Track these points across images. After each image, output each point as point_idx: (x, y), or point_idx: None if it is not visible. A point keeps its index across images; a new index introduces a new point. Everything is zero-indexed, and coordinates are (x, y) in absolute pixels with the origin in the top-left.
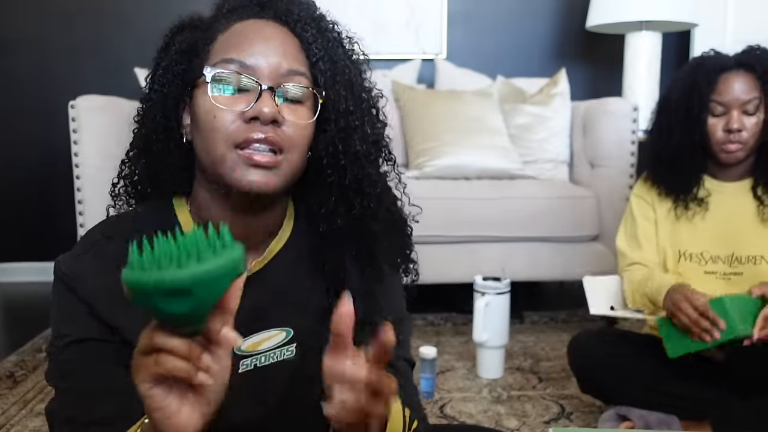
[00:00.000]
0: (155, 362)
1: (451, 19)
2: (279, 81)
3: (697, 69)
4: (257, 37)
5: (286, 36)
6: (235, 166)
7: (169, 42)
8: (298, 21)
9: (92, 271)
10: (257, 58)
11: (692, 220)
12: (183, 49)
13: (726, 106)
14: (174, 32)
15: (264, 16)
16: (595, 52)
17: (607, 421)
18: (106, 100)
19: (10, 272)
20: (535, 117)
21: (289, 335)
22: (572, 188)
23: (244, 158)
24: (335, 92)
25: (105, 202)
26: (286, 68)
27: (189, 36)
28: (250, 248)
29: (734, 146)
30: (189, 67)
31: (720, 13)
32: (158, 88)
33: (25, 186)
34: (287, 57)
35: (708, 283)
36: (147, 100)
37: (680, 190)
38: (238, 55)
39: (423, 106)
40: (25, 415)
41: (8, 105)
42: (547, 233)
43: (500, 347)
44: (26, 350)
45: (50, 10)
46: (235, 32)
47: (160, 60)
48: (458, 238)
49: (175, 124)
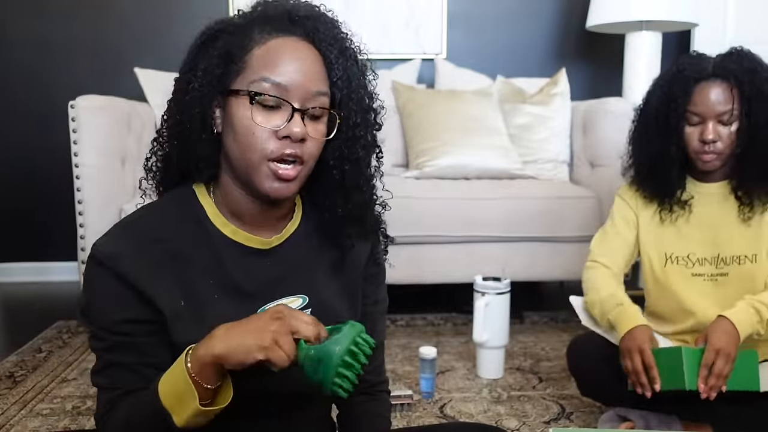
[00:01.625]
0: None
1: (451, 19)
2: (307, 102)
3: (675, 78)
4: (290, 58)
5: (314, 57)
6: (265, 178)
7: (207, 43)
8: (324, 41)
9: (128, 248)
10: (290, 78)
11: (676, 223)
12: (221, 53)
13: (701, 117)
14: (211, 34)
15: (295, 32)
16: (595, 52)
17: (607, 422)
18: (106, 100)
19: (10, 272)
20: (535, 117)
21: (305, 301)
22: (572, 188)
23: (274, 171)
24: (348, 109)
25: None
26: (314, 90)
27: (227, 41)
28: (269, 228)
29: (709, 156)
30: (225, 71)
31: (720, 13)
32: (197, 86)
33: (25, 186)
34: (315, 79)
35: (695, 285)
36: (184, 92)
37: (663, 194)
38: (274, 75)
39: (423, 106)
40: (24, 415)
41: (8, 105)
42: (547, 233)
43: (500, 347)
44: (26, 350)
45: (50, 10)
46: (271, 50)
47: (198, 59)
48: (458, 238)
49: (210, 117)
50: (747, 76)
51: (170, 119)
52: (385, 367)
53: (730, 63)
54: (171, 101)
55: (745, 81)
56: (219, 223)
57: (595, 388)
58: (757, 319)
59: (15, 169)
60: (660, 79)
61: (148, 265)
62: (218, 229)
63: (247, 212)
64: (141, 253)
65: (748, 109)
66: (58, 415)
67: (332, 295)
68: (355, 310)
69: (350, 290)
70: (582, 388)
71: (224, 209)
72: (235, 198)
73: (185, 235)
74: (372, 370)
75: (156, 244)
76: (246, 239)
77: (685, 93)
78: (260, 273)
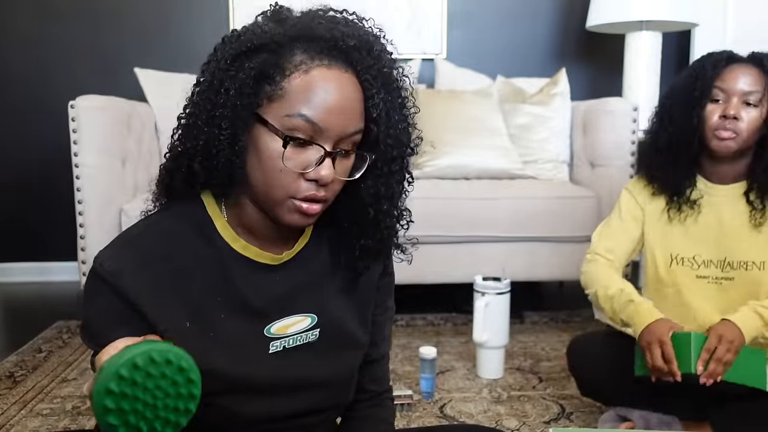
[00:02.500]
0: None
1: (451, 19)
2: (340, 143)
3: (707, 57)
4: (332, 96)
5: (355, 93)
6: (287, 211)
7: (244, 56)
8: (368, 74)
9: (131, 265)
10: (327, 118)
11: (684, 223)
12: (257, 73)
13: (727, 93)
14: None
15: (339, 59)
16: (595, 52)
17: (608, 422)
18: (106, 100)
19: (10, 272)
20: (535, 117)
21: (314, 321)
22: (572, 188)
23: (297, 207)
24: (384, 144)
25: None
26: (351, 131)
27: (265, 59)
28: (280, 244)
29: (727, 133)
30: (258, 91)
31: (720, 13)
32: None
33: (25, 186)
34: (353, 120)
35: (700, 287)
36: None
37: (673, 188)
38: (311, 112)
39: (423, 106)
40: (24, 415)
41: (8, 105)
42: (547, 233)
43: (500, 347)
44: (26, 350)
45: (50, 10)
46: (313, 83)
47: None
48: (458, 238)
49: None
50: None
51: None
52: (389, 375)
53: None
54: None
55: None
56: (228, 238)
57: (595, 388)
58: (762, 323)
59: (15, 169)
60: (688, 68)
61: (151, 284)
62: (227, 243)
63: (260, 229)
64: (145, 271)
65: None
66: (58, 415)
67: (344, 313)
68: (366, 328)
69: (362, 308)
70: (582, 388)
71: (235, 223)
72: (249, 215)
73: (191, 251)
74: (377, 379)
75: (161, 261)
76: (256, 255)
77: (715, 69)
78: (269, 289)
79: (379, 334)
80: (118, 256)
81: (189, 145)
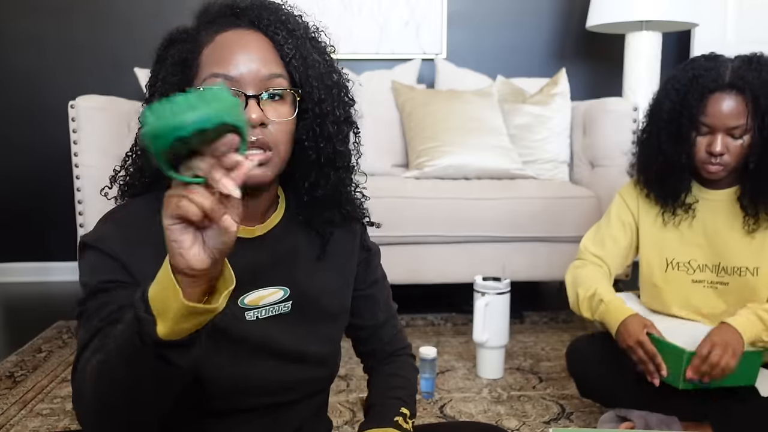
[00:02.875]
0: (176, 205)
1: (450, 19)
2: (261, 86)
3: (690, 85)
4: (237, 49)
5: (261, 42)
6: None
7: (163, 54)
8: (269, 25)
9: (111, 232)
10: (239, 68)
11: (679, 227)
12: (176, 61)
13: (712, 128)
14: (166, 45)
15: (240, 24)
16: (595, 52)
17: (607, 422)
18: (106, 100)
19: (10, 272)
20: (535, 117)
21: (286, 294)
22: (572, 188)
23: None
24: (309, 85)
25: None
26: (266, 73)
27: (179, 48)
28: (252, 221)
29: (714, 168)
30: (183, 78)
31: (720, 13)
32: (159, 96)
33: (25, 186)
34: (265, 63)
35: (696, 292)
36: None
37: (669, 198)
38: (224, 69)
39: (423, 106)
40: (24, 415)
41: (8, 105)
42: (547, 233)
43: (500, 347)
44: (26, 350)
45: (50, 10)
46: (218, 46)
47: (158, 71)
48: (458, 238)
49: None
50: (764, 89)
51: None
52: (403, 335)
53: (749, 72)
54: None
55: (761, 95)
56: None
57: (595, 389)
58: (762, 327)
59: (15, 169)
60: (674, 82)
61: (132, 248)
62: None
63: None
64: (123, 236)
65: (762, 123)
66: (58, 415)
67: (317, 288)
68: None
69: (341, 284)
70: (581, 390)
71: None
72: None
73: None
74: (388, 341)
75: (137, 229)
76: None
77: (699, 103)
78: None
79: (375, 306)
80: (99, 229)
81: (138, 145)
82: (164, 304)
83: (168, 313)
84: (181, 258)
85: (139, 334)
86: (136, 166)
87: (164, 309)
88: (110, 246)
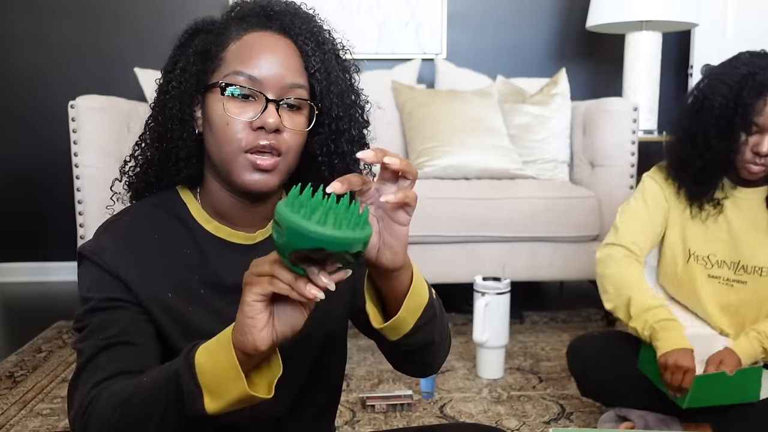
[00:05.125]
0: (269, 282)
1: (451, 19)
2: (282, 93)
3: (746, 82)
4: (265, 52)
5: (289, 49)
6: (243, 169)
7: (186, 42)
8: (300, 34)
9: (111, 244)
10: (263, 70)
11: (705, 221)
12: (198, 51)
13: (762, 128)
14: (190, 33)
15: (271, 27)
16: (595, 52)
17: (607, 422)
18: (106, 100)
19: (10, 272)
20: (535, 117)
21: None
22: (572, 188)
23: (251, 162)
24: (329, 101)
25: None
26: (289, 82)
27: (204, 39)
28: (254, 227)
29: (758, 168)
30: (203, 69)
31: (720, 13)
32: (176, 84)
33: (25, 186)
34: (290, 70)
35: (711, 286)
36: (164, 92)
37: (700, 194)
38: (248, 69)
39: (423, 106)
40: (24, 415)
41: (8, 105)
42: (547, 233)
43: (500, 347)
44: (26, 350)
45: (51, 10)
46: (245, 44)
47: (177, 58)
48: (458, 238)
49: (189, 117)
50: None
51: (152, 121)
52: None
53: None
54: (153, 103)
55: None
56: (202, 220)
57: (595, 388)
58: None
59: (15, 168)
60: (726, 78)
61: (131, 258)
62: (201, 225)
63: (231, 211)
64: (123, 247)
65: None
66: (58, 415)
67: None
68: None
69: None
70: (582, 389)
71: (208, 208)
72: (219, 197)
73: (168, 231)
74: None
75: (139, 238)
76: (229, 235)
77: (756, 101)
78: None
79: None
80: (98, 239)
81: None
82: (221, 385)
83: (224, 395)
84: (250, 337)
85: (181, 402)
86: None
87: (219, 389)
88: (109, 261)
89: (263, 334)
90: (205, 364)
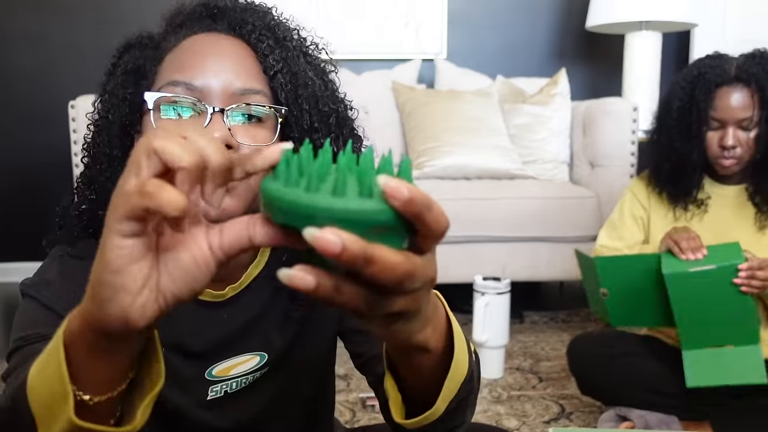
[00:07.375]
0: (141, 193)
1: (450, 19)
2: (231, 101)
3: (696, 82)
4: (206, 54)
5: (239, 50)
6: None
7: (116, 63)
8: (253, 31)
9: (55, 278)
10: (206, 78)
11: (690, 222)
12: (129, 69)
13: (722, 122)
14: (121, 52)
15: (217, 28)
16: (595, 52)
17: (607, 422)
18: None
19: (10, 272)
20: (535, 117)
21: (263, 359)
22: (572, 188)
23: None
24: (298, 108)
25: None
26: (240, 87)
27: (136, 55)
28: (223, 281)
29: (728, 161)
30: (136, 91)
31: (720, 13)
32: (104, 114)
33: (25, 186)
34: (240, 74)
35: None
36: (95, 126)
37: (681, 195)
38: (185, 77)
39: (423, 106)
40: None
41: (8, 104)
42: (547, 233)
43: (500, 347)
44: None
45: (50, 9)
46: (183, 50)
47: (107, 83)
48: (458, 238)
49: (120, 153)
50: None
51: (85, 164)
52: None
53: (753, 66)
54: (82, 144)
55: (767, 87)
56: None
57: (596, 387)
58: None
59: (15, 168)
60: (681, 81)
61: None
62: None
63: None
64: (68, 284)
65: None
66: None
67: (302, 343)
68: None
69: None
70: (582, 388)
71: None
72: None
73: None
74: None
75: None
76: None
77: (707, 98)
78: (211, 329)
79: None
80: (41, 273)
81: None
82: (47, 409)
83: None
84: (118, 305)
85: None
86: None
87: (46, 417)
88: (49, 294)
89: (141, 299)
90: (34, 379)
